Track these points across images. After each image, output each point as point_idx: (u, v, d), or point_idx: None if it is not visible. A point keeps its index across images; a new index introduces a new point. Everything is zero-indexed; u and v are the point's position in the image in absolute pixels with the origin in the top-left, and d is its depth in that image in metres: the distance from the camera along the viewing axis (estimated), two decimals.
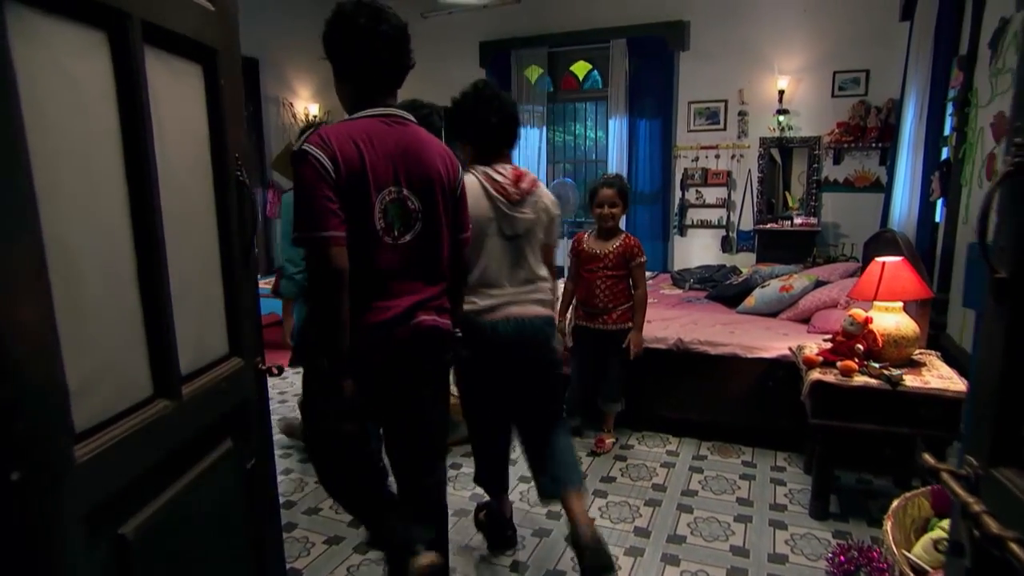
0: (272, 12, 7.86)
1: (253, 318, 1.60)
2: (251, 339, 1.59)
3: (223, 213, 1.47)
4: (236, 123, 1.51)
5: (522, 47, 7.77)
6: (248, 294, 1.57)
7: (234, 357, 1.53)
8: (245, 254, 1.54)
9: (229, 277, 1.50)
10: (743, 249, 7.15)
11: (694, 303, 4.18)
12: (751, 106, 6.94)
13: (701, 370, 3.33)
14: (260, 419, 1.64)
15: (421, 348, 1.83)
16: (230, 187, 1.47)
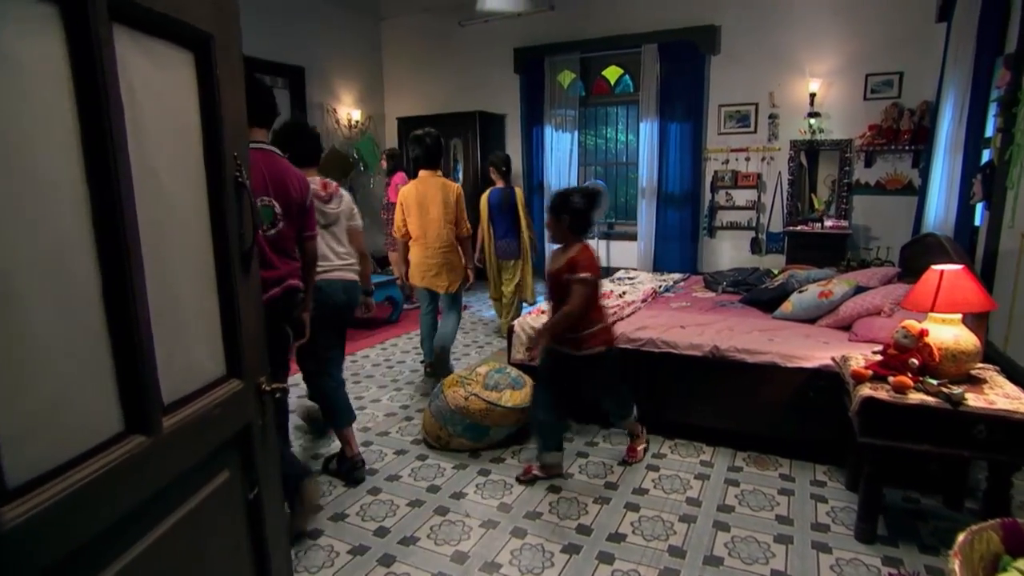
0: (317, 24, 7.70)
1: (255, 334, 1.36)
2: (254, 357, 1.35)
3: (219, 219, 1.22)
4: (236, 119, 1.26)
5: (556, 53, 7.48)
6: (250, 307, 1.33)
7: (232, 379, 1.29)
8: (246, 263, 1.30)
9: (226, 289, 1.26)
10: (772, 251, 6.77)
11: (728, 307, 3.85)
12: (782, 109, 6.54)
13: (737, 378, 3.02)
14: (264, 444, 1.40)
15: (289, 299, 2.44)
16: (227, 190, 1.23)
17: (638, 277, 4.88)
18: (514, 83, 7.84)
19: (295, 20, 7.42)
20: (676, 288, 4.54)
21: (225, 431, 1.26)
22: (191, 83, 1.16)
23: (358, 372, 4.47)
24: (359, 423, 3.57)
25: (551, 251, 2.91)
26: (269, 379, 1.40)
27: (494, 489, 2.82)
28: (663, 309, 3.81)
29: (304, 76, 7.61)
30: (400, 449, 3.24)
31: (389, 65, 8.83)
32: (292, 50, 7.41)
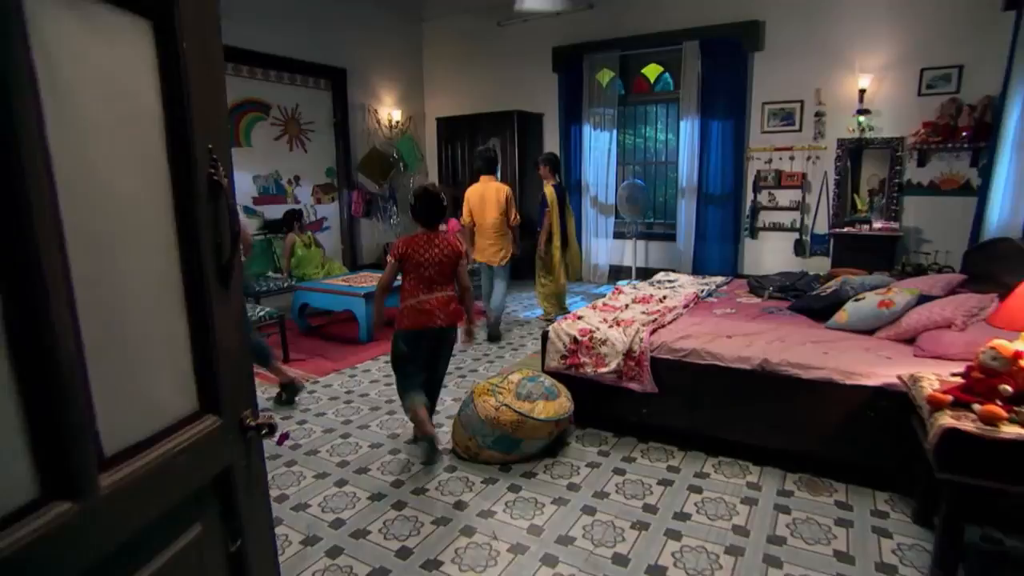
0: (358, 26, 7.54)
1: (238, 360, 1.11)
2: (235, 387, 1.10)
3: (188, 225, 0.98)
4: (211, 104, 1.02)
5: (594, 51, 7.14)
6: (231, 329, 1.08)
7: (208, 415, 1.04)
8: (224, 277, 1.05)
9: (198, 308, 1.01)
10: (817, 253, 6.32)
11: (776, 315, 3.49)
12: (829, 106, 6.07)
13: (789, 394, 2.68)
14: (250, 488, 1.15)
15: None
16: (198, 191, 0.98)
17: (678, 280, 4.53)
18: (552, 82, 7.53)
19: (338, 23, 7.26)
20: (719, 292, 4.18)
21: (197, 478, 1.02)
22: (148, 59, 0.91)
23: (390, 374, 4.24)
24: (388, 429, 3.35)
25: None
26: (255, 412, 1.15)
27: (524, 508, 2.54)
28: (707, 316, 3.47)
29: (346, 77, 7.46)
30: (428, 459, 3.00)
31: (429, 66, 8.62)
32: (334, 52, 7.25)
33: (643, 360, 2.94)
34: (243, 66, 6.38)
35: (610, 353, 3.02)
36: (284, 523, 2.50)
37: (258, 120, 6.62)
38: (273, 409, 3.67)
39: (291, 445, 3.18)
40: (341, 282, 5.28)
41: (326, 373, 4.27)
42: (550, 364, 3.23)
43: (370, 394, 3.87)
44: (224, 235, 1.04)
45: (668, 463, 2.90)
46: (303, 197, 7.18)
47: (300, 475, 2.87)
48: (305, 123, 7.12)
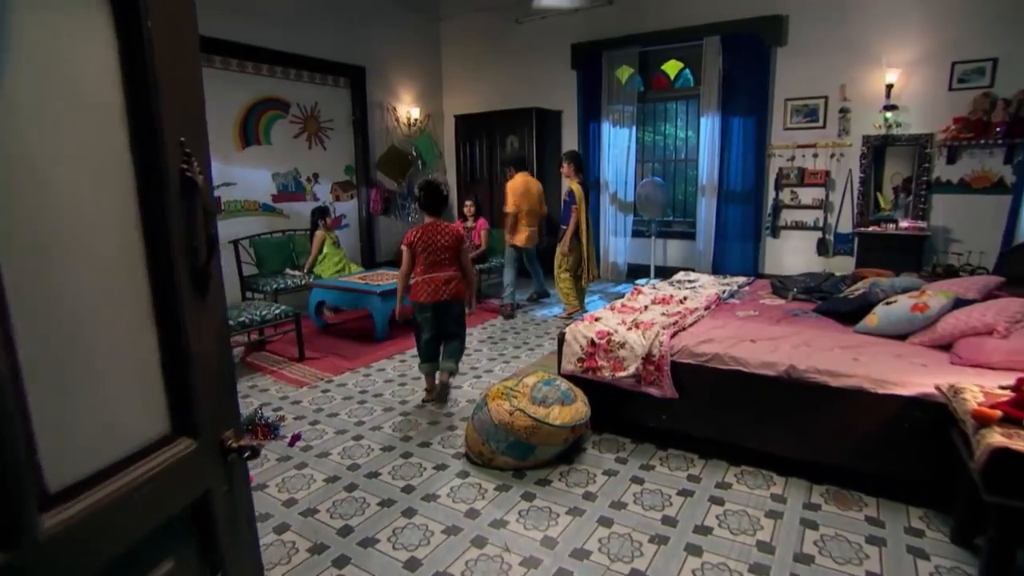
0: (377, 25, 7.43)
1: (218, 374, 0.99)
2: (215, 405, 0.98)
3: (155, 226, 0.86)
4: (184, 93, 0.89)
5: (613, 48, 6.95)
6: (210, 340, 0.96)
7: (182, 438, 0.93)
8: (201, 283, 0.93)
9: (169, 319, 0.89)
10: (840, 252, 6.08)
11: (801, 317, 3.30)
12: (854, 102, 5.82)
13: (816, 402, 2.50)
14: (233, 515, 1.03)
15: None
16: (169, 189, 0.86)
17: (699, 280, 4.35)
18: (571, 79, 7.36)
19: (357, 22, 7.16)
20: (740, 294, 3.99)
21: (167, 509, 0.90)
22: (105, 39, 0.79)
23: (405, 374, 4.14)
24: (401, 431, 3.23)
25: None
26: (239, 432, 1.03)
27: (538, 518, 2.41)
28: (729, 318, 3.29)
29: (365, 76, 7.35)
30: (441, 463, 2.88)
31: (448, 64, 8.49)
32: (354, 51, 7.15)
33: (663, 364, 2.79)
34: (263, 64, 6.30)
35: (629, 357, 2.87)
36: (292, 529, 2.39)
37: (277, 118, 6.55)
38: (286, 409, 3.57)
39: (302, 447, 3.08)
40: (357, 280, 5.18)
41: (340, 372, 4.18)
42: (566, 367, 3.09)
43: (384, 394, 3.76)
44: (199, 237, 0.91)
45: (688, 472, 2.74)
46: (322, 195, 7.10)
47: (310, 478, 2.77)
48: (324, 121, 7.03)
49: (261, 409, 3.48)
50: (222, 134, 6.04)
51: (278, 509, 2.53)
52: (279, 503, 2.57)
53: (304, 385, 3.95)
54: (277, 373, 4.19)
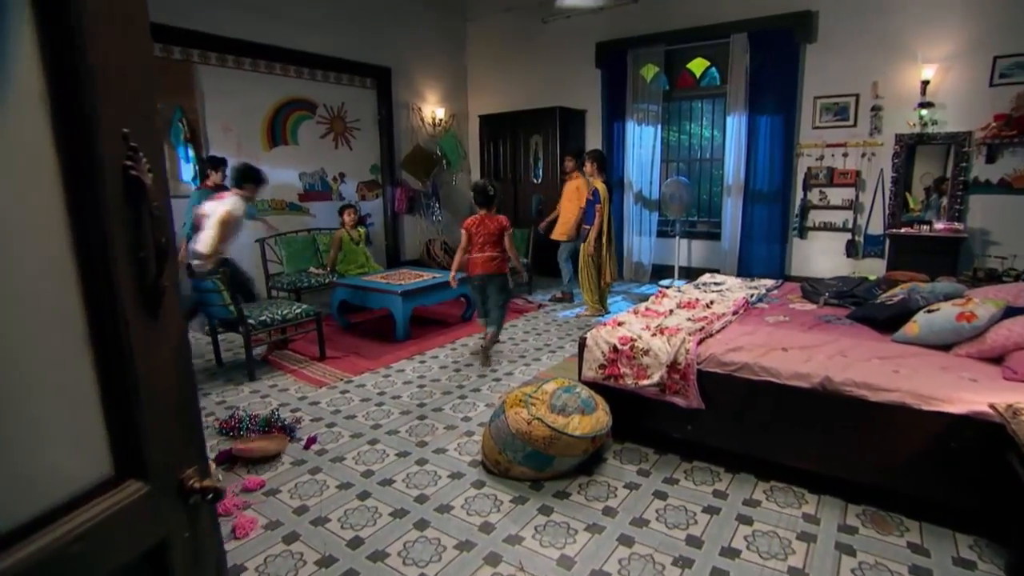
0: (403, 25, 7.30)
1: (175, 405, 0.83)
2: (173, 441, 0.82)
3: (89, 236, 0.70)
4: (129, 79, 0.73)
5: (638, 46, 6.71)
6: (163, 367, 0.80)
7: (128, 481, 0.77)
8: (152, 301, 0.77)
9: (111, 345, 0.73)
10: (870, 255, 5.76)
11: (834, 324, 3.06)
12: (887, 100, 5.50)
13: (853, 417, 2.28)
14: (196, 565, 0.87)
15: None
16: (106, 187, 0.70)
17: (726, 283, 4.10)
18: (595, 78, 7.13)
19: (383, 23, 7.04)
20: (769, 298, 3.75)
21: (109, 562, 0.74)
22: (20, 10, 0.63)
23: (424, 375, 3.99)
24: (417, 436, 3.08)
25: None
26: (203, 470, 0.87)
27: (555, 535, 2.23)
28: (758, 324, 3.06)
29: (391, 76, 7.23)
30: (456, 472, 2.71)
31: (473, 64, 8.32)
32: (380, 51, 7.03)
33: (689, 373, 2.58)
34: (290, 66, 6.21)
35: (653, 364, 2.67)
36: (301, 539, 2.25)
37: (304, 119, 6.46)
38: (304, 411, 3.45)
39: (317, 450, 2.95)
40: (380, 279, 5.05)
41: (360, 372, 4.04)
42: (587, 374, 2.90)
43: (402, 396, 3.62)
44: (148, 248, 0.75)
45: (714, 487, 2.53)
46: (348, 194, 7.00)
47: (323, 484, 2.63)
48: (350, 121, 6.93)
49: (279, 410, 3.36)
50: (250, 134, 5.97)
51: (289, 516, 2.39)
52: (290, 510, 2.44)
53: (323, 385, 3.83)
54: (298, 372, 4.07)
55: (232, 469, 2.77)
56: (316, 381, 3.89)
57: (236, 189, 4.23)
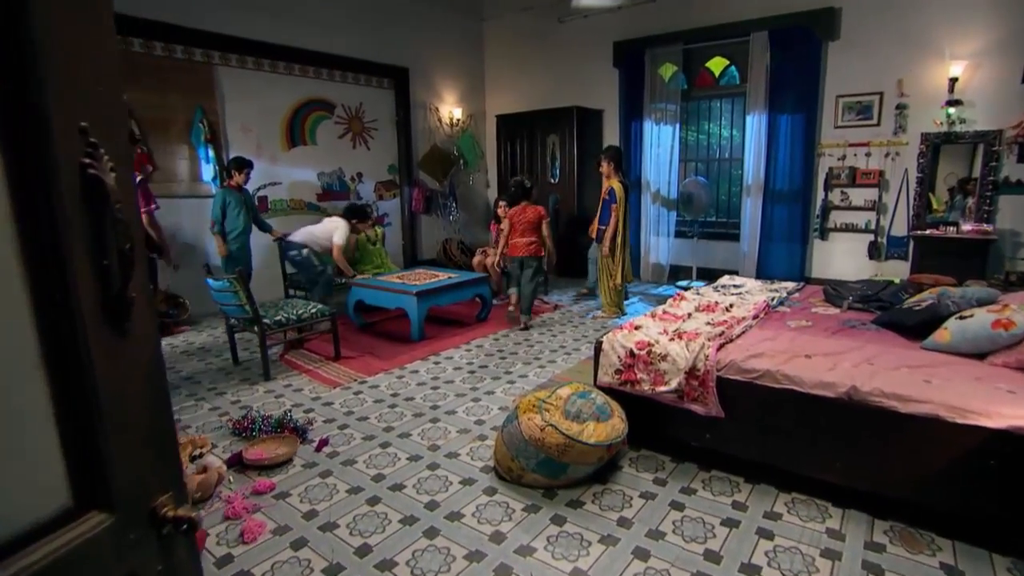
0: (420, 25, 7.23)
1: (146, 427, 0.74)
2: (143, 467, 0.74)
3: (40, 243, 0.61)
4: (88, 66, 0.64)
5: (656, 45, 6.56)
6: (130, 385, 0.71)
7: (91, 513, 0.68)
8: (117, 314, 0.68)
9: (69, 363, 0.65)
10: (894, 256, 5.57)
11: (859, 329, 2.91)
12: (912, 98, 5.30)
13: (881, 430, 2.14)
14: None
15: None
16: (59, 188, 0.62)
17: (745, 285, 3.96)
18: (613, 77, 6.99)
19: (401, 23, 6.98)
20: (791, 301, 3.59)
21: None
22: None
23: (438, 376, 3.91)
24: (429, 439, 2.99)
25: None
26: (178, 497, 0.78)
27: (568, 547, 2.12)
28: (780, 329, 2.93)
29: (408, 76, 7.17)
30: (468, 478, 2.62)
31: (490, 64, 8.23)
32: (397, 52, 6.97)
33: (708, 380, 2.46)
34: (309, 67, 6.18)
35: (671, 370, 2.55)
36: (309, 545, 2.18)
37: (323, 119, 6.42)
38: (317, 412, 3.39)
39: (329, 452, 2.88)
40: (395, 279, 4.98)
41: (374, 373, 3.97)
42: (603, 379, 2.79)
43: (415, 398, 3.54)
44: (112, 254, 0.67)
45: (733, 497, 2.41)
46: (365, 193, 6.96)
47: (333, 488, 2.56)
48: (368, 121, 6.88)
49: (291, 411, 3.30)
50: (270, 135, 5.94)
51: (298, 521, 2.32)
52: (299, 515, 2.37)
53: (337, 386, 3.76)
54: (313, 372, 4.02)
55: (244, 471, 2.71)
56: (330, 381, 3.83)
57: (344, 220, 5.12)
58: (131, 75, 4.94)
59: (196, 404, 3.52)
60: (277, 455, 2.76)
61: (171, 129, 5.21)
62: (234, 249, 4.95)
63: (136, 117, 5.00)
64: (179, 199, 5.32)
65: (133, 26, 4.86)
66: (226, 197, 4.89)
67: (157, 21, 4.96)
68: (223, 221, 4.89)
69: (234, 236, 4.94)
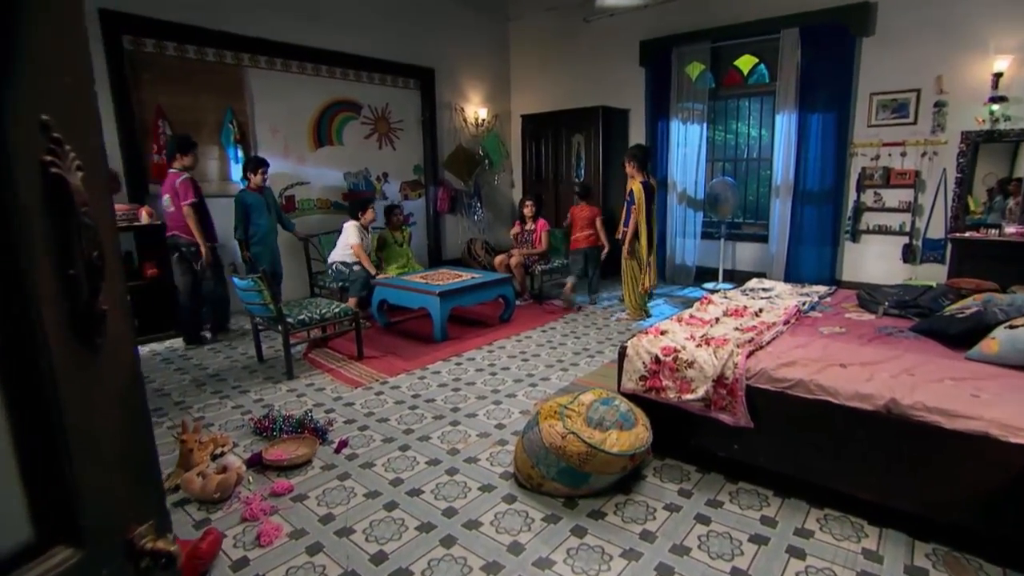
0: (446, 26, 7.17)
1: (120, 452, 0.67)
2: (121, 494, 0.66)
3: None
4: (52, 56, 0.57)
5: (683, 43, 6.38)
6: (104, 405, 0.64)
7: (57, 547, 0.61)
8: (86, 326, 0.61)
9: (31, 384, 0.57)
10: (930, 260, 5.31)
11: (896, 337, 2.74)
12: (953, 95, 5.04)
13: (923, 447, 1.99)
14: None
15: None
16: (16, 190, 0.54)
17: (775, 289, 3.79)
18: (639, 76, 6.83)
19: (427, 24, 6.92)
20: (822, 306, 3.42)
21: None
22: None
23: (459, 377, 3.83)
24: (449, 443, 2.91)
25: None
26: (160, 527, 0.71)
27: (588, 560, 2.02)
28: (812, 336, 2.77)
29: (434, 77, 7.12)
30: (487, 484, 2.53)
31: (516, 64, 8.13)
32: (423, 52, 6.92)
33: (737, 389, 2.33)
34: (336, 68, 6.16)
35: (697, 378, 2.43)
36: (324, 550, 2.12)
37: (350, 120, 6.40)
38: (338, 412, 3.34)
39: (348, 454, 2.82)
40: (419, 279, 4.92)
41: (396, 373, 3.91)
42: (627, 385, 2.67)
43: (436, 400, 3.46)
44: (77, 264, 0.59)
45: (762, 512, 2.27)
46: (391, 193, 6.93)
47: (351, 492, 2.49)
48: (394, 122, 6.84)
49: (312, 411, 3.26)
50: (297, 135, 5.94)
51: (314, 525, 2.27)
52: (316, 518, 2.31)
53: (359, 386, 3.71)
54: (335, 372, 3.98)
55: (263, 472, 2.67)
56: (352, 381, 3.78)
57: (351, 220, 5.26)
58: (165, 78, 4.97)
59: (220, 402, 3.51)
60: (296, 456, 2.72)
61: (202, 130, 5.23)
62: (257, 251, 4.89)
63: (169, 119, 5.04)
64: (209, 198, 5.32)
65: (167, 30, 4.88)
66: (246, 200, 4.84)
67: (189, 25, 4.98)
68: (247, 225, 4.85)
69: (258, 238, 4.88)
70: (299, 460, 2.69)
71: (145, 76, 4.87)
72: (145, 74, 4.87)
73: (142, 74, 4.85)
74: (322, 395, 3.58)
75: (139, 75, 4.83)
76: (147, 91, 4.90)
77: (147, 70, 4.88)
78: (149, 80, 4.90)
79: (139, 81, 4.83)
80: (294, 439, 2.88)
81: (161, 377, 3.94)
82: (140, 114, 4.86)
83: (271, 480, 2.59)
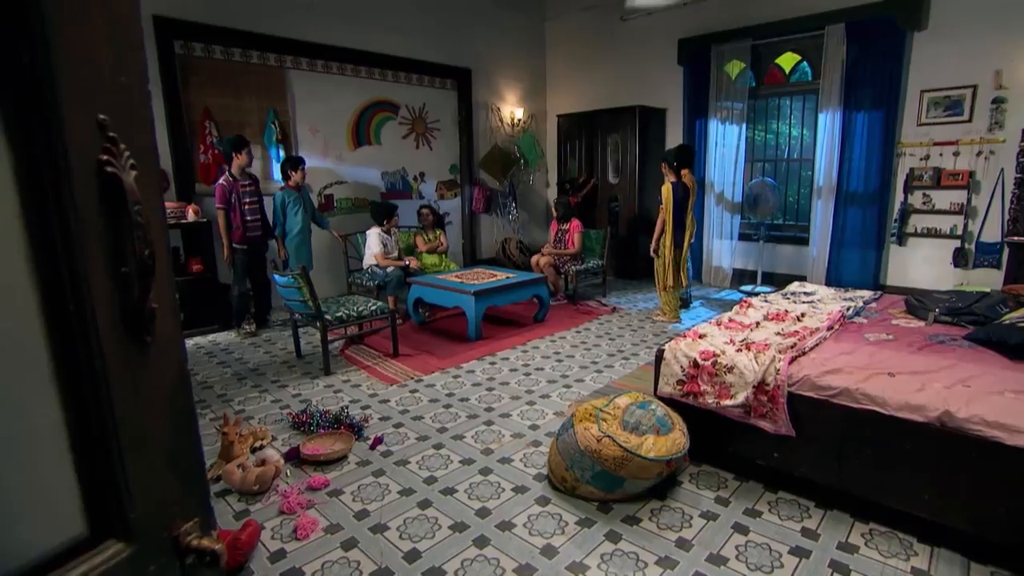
0: (483, 26, 7.18)
1: (167, 449, 0.67)
2: (166, 492, 0.67)
3: (55, 246, 0.55)
4: (109, 55, 0.57)
5: (723, 42, 6.24)
6: (153, 402, 0.64)
7: (108, 542, 0.62)
8: (138, 323, 0.61)
9: (84, 381, 0.58)
10: (983, 264, 5.06)
11: (948, 345, 2.61)
12: (1013, 90, 4.80)
13: (980, 463, 1.89)
14: None
15: None
16: (73, 189, 0.55)
17: (817, 293, 3.66)
18: (677, 75, 6.72)
19: (464, 25, 6.95)
20: (868, 311, 3.29)
21: None
22: None
23: (493, 377, 3.83)
24: (482, 443, 2.91)
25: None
26: (204, 524, 0.71)
27: (623, 566, 1.98)
28: (857, 342, 2.67)
29: (471, 77, 7.14)
30: (520, 485, 2.52)
31: (552, 64, 8.09)
32: (460, 53, 6.95)
33: (778, 396, 2.26)
34: (375, 69, 6.23)
35: (737, 383, 2.36)
36: (359, 546, 2.13)
37: (388, 120, 6.47)
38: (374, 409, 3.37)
39: (383, 451, 2.84)
40: (454, 278, 4.94)
41: (430, 372, 3.93)
42: (664, 389, 2.62)
43: (470, 399, 3.47)
44: (130, 262, 0.60)
45: (803, 524, 2.20)
46: (428, 193, 6.98)
47: (385, 488, 2.51)
48: (431, 122, 6.89)
49: (348, 407, 3.29)
50: (336, 135, 6.04)
51: (349, 521, 2.29)
52: (351, 514, 2.33)
53: (394, 383, 3.74)
54: (371, 369, 4.02)
55: (300, 466, 2.71)
56: (388, 379, 3.81)
57: (375, 226, 5.32)
58: (212, 80, 5.12)
59: (260, 395, 3.58)
60: (333, 451, 2.75)
61: (246, 131, 5.35)
62: (292, 248, 5.01)
63: (216, 120, 5.18)
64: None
65: (215, 34, 5.01)
66: (284, 198, 4.95)
67: (235, 29, 5.11)
68: (284, 223, 4.97)
69: (293, 235, 4.99)
70: (335, 455, 2.73)
71: (193, 79, 5.02)
72: (193, 77, 5.02)
73: (191, 77, 4.99)
74: (358, 391, 3.62)
75: (188, 78, 4.97)
76: (195, 93, 5.05)
77: (196, 73, 5.03)
78: (197, 83, 5.04)
79: (188, 83, 4.98)
80: (330, 434, 2.92)
81: (204, 370, 4.05)
82: (188, 115, 5.01)
83: (308, 474, 2.62)
